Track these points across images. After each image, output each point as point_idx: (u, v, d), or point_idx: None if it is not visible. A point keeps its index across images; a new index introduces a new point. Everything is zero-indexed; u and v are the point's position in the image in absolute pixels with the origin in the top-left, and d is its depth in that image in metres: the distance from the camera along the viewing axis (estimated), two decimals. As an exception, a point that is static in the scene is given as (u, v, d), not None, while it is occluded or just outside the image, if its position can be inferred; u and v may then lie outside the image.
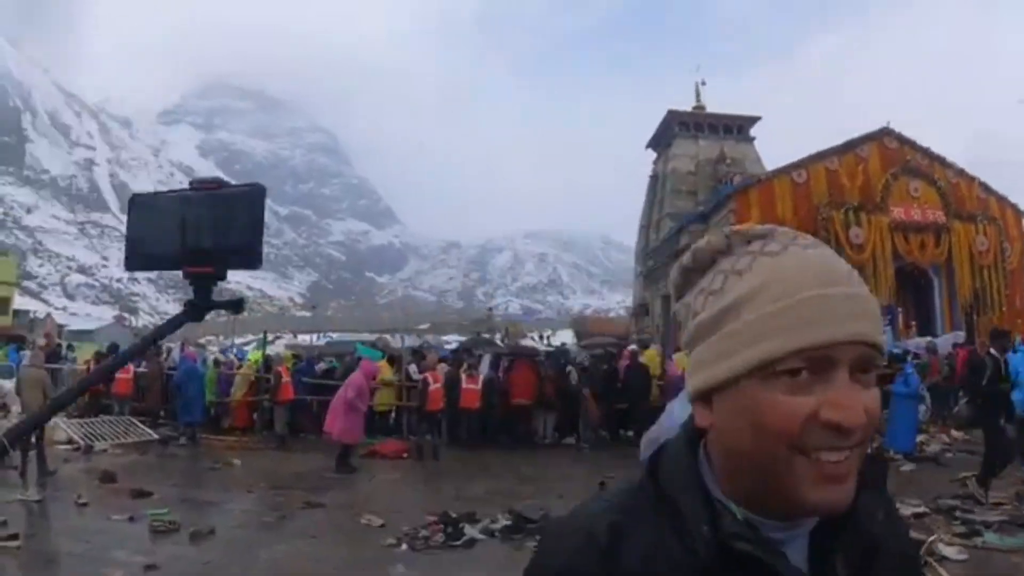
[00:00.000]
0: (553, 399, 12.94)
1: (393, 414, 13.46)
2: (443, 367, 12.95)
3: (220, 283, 1.23)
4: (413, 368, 13.54)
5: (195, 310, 1.17)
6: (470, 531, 6.36)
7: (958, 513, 6.72)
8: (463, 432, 12.43)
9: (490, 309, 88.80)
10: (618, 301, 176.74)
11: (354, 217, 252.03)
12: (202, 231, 1.16)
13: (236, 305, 1.31)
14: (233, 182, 1.22)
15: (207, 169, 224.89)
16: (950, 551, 5.53)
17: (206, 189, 1.18)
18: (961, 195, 20.59)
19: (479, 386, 12.38)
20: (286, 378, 12.54)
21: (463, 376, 12.42)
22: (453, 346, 31.93)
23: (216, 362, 13.06)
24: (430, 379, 11.42)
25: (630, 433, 13.28)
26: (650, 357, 14.59)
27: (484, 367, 13.55)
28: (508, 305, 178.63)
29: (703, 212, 24.97)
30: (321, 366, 14.54)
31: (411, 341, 35.75)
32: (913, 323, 19.21)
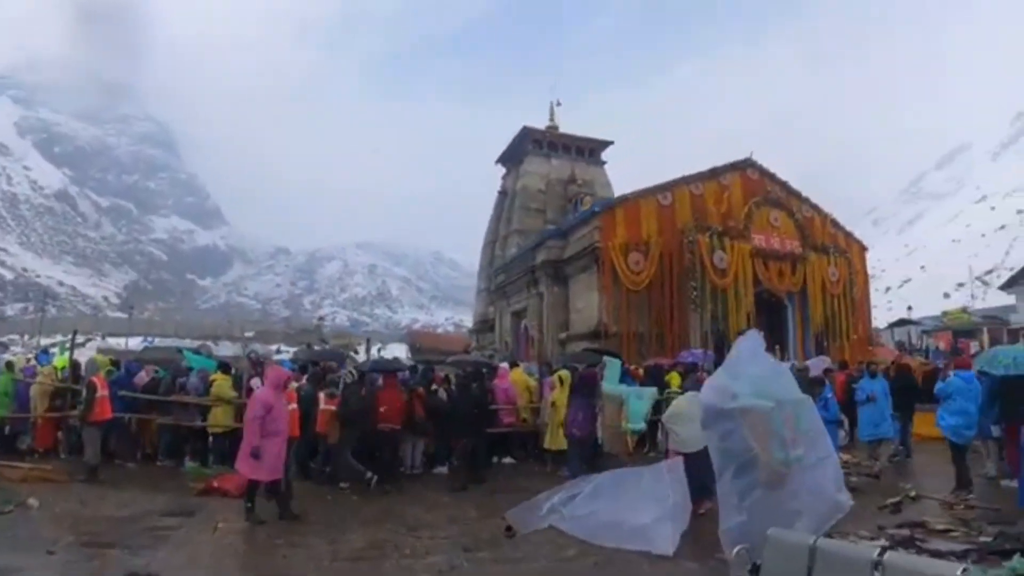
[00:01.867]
0: (423, 422, 11.33)
1: (228, 440, 11.03)
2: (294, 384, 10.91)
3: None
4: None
5: None
6: (376, 614, 4.66)
7: (918, 543, 6.25)
8: (319, 462, 10.44)
9: (320, 319, 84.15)
10: (447, 317, 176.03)
11: (179, 215, 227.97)
12: None
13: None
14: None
15: (23, 149, 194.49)
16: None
17: None
18: (815, 228, 22.21)
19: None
20: (102, 391, 9.71)
21: (322, 396, 10.46)
22: (281, 356, 29.20)
23: (9, 365, 9.84)
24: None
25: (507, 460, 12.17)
26: (516, 376, 13.44)
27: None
28: (336, 316, 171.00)
29: (562, 229, 24.61)
30: (143, 376, 11.73)
31: (236, 349, 32.20)
32: (777, 347, 19.94)
